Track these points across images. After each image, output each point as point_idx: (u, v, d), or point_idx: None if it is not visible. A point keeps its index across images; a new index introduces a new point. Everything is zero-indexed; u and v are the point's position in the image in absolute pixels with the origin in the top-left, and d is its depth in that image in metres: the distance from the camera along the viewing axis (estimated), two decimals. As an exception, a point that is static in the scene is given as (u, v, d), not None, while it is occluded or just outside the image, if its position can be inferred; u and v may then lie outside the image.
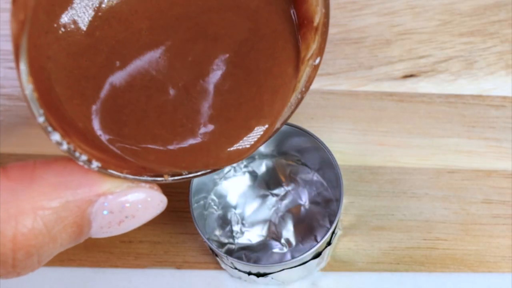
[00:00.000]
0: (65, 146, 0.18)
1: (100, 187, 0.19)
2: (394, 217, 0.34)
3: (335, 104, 0.37)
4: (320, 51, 0.22)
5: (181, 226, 0.34)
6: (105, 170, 0.19)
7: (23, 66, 0.16)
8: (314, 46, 0.22)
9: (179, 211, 0.34)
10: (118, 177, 0.19)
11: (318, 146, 0.31)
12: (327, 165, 0.31)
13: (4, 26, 0.40)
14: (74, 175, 0.19)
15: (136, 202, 0.20)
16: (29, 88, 0.16)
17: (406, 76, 0.38)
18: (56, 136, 0.17)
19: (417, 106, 0.37)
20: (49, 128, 0.17)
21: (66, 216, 0.18)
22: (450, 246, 0.34)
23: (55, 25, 0.20)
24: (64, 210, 0.18)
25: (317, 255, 0.30)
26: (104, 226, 0.20)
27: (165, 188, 0.21)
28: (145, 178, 0.20)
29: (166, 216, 0.34)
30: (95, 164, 0.19)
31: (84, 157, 0.18)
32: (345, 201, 0.34)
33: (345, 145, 0.36)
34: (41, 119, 0.17)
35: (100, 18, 0.20)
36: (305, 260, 0.29)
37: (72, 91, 0.20)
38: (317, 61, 0.22)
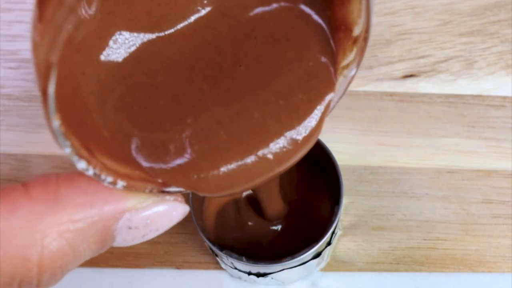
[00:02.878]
0: (91, 172, 0.18)
1: (126, 203, 0.19)
2: (394, 217, 0.34)
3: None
4: (358, 63, 0.21)
5: (181, 226, 0.34)
6: (130, 188, 0.19)
7: (51, 99, 0.16)
8: (351, 57, 0.21)
9: (179, 211, 0.34)
10: (143, 192, 0.19)
11: (318, 146, 0.31)
12: (327, 165, 0.31)
13: (4, 26, 0.40)
14: (99, 193, 0.18)
15: (160, 215, 0.20)
16: (56, 123, 0.16)
17: (406, 76, 0.38)
18: (82, 164, 0.17)
19: (417, 106, 0.37)
20: (75, 158, 0.17)
21: (92, 235, 0.18)
22: (450, 246, 0.34)
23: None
24: (89, 229, 0.18)
25: (317, 255, 0.30)
26: (128, 240, 0.20)
27: (165, 188, 0.21)
28: (170, 190, 0.20)
29: (166, 216, 0.34)
30: (120, 184, 0.18)
31: (109, 179, 0.18)
32: (345, 201, 0.34)
33: (345, 145, 0.36)
34: (67, 150, 0.17)
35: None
36: (305, 260, 0.29)
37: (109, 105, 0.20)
38: (353, 72, 0.21)
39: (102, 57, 0.20)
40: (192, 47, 0.21)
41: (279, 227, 0.31)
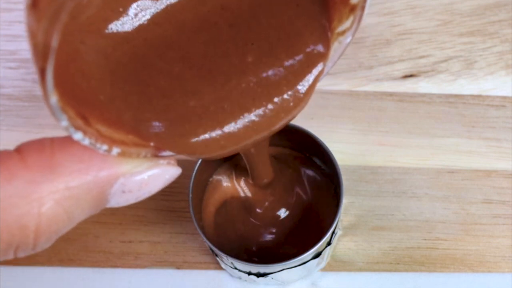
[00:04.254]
0: (87, 142, 0.18)
1: (120, 168, 0.19)
2: (394, 217, 0.34)
3: (335, 104, 0.37)
4: (354, 31, 0.21)
5: (181, 226, 0.34)
6: (124, 154, 0.19)
7: (50, 75, 0.16)
8: (347, 24, 0.21)
9: (179, 211, 0.34)
10: (137, 157, 0.20)
11: (318, 146, 0.31)
12: (327, 165, 0.31)
13: (4, 26, 0.40)
14: (94, 160, 0.18)
15: (154, 179, 0.20)
16: (54, 99, 0.16)
17: (406, 76, 0.38)
18: (78, 135, 0.17)
19: (417, 106, 0.37)
20: (72, 129, 0.17)
21: (86, 200, 0.19)
22: (450, 246, 0.34)
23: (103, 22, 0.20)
24: (84, 195, 0.18)
25: (317, 255, 0.30)
26: (121, 202, 0.20)
27: (165, 189, 0.21)
28: (164, 154, 0.21)
29: (166, 216, 0.34)
30: (115, 150, 0.19)
31: (105, 147, 0.18)
32: (345, 201, 0.34)
33: (345, 145, 0.36)
34: (64, 123, 0.17)
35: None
36: (305, 260, 0.29)
37: (104, 71, 0.20)
38: (348, 39, 0.21)
39: (106, 30, 0.20)
40: (198, 20, 0.21)
41: (279, 227, 0.31)
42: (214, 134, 0.21)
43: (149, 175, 0.20)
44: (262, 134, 0.22)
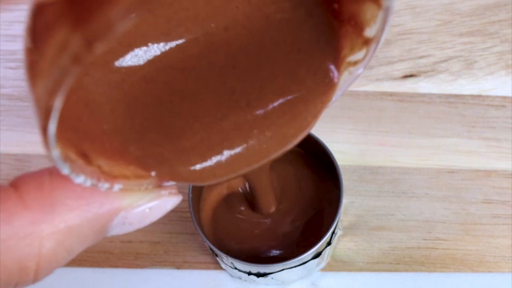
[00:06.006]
0: (88, 183, 0.17)
1: (122, 202, 0.19)
2: (394, 217, 0.34)
3: (335, 104, 0.37)
4: (366, 63, 0.21)
5: (181, 226, 0.34)
6: (126, 190, 0.19)
7: (52, 128, 0.15)
8: (359, 55, 0.21)
9: (179, 211, 0.34)
10: (139, 190, 0.19)
11: (318, 146, 0.31)
12: (327, 165, 0.31)
13: (4, 26, 0.40)
14: (95, 195, 0.18)
15: (155, 210, 0.20)
16: (56, 153, 0.16)
17: (406, 76, 0.38)
18: (80, 179, 0.17)
19: (417, 106, 0.37)
20: (73, 175, 0.17)
21: (87, 235, 0.18)
22: (450, 246, 0.34)
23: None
24: (85, 231, 0.18)
25: (317, 255, 0.30)
26: (120, 232, 0.20)
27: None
28: (166, 184, 0.20)
29: (166, 216, 0.34)
30: (117, 187, 0.18)
31: (106, 185, 0.18)
32: (345, 201, 0.34)
33: (345, 145, 0.36)
34: (66, 171, 0.17)
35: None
36: (305, 260, 0.29)
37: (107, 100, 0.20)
38: (360, 71, 0.21)
39: (115, 63, 0.20)
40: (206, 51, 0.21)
41: (278, 227, 0.31)
42: (218, 163, 0.21)
43: (151, 207, 0.20)
44: (263, 161, 0.22)
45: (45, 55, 0.14)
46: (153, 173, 0.20)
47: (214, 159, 0.22)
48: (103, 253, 0.33)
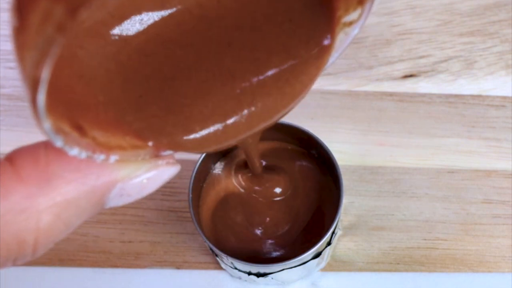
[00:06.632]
0: (84, 155, 0.17)
1: (118, 174, 0.19)
2: (394, 217, 0.34)
3: (335, 104, 0.37)
4: (361, 23, 0.21)
5: (181, 226, 0.34)
6: (122, 161, 0.19)
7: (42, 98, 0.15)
8: (354, 15, 0.21)
9: (179, 211, 0.34)
10: (135, 160, 0.19)
11: (318, 146, 0.31)
12: (327, 165, 0.31)
13: (4, 26, 0.40)
14: (91, 167, 0.18)
15: (152, 179, 0.20)
16: (47, 125, 0.16)
17: (406, 76, 0.38)
18: (75, 151, 0.17)
19: (417, 106, 0.37)
20: (67, 147, 0.17)
21: (84, 208, 0.18)
22: (450, 246, 0.34)
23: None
24: (82, 203, 0.18)
25: (317, 255, 0.30)
26: (119, 204, 0.20)
27: (165, 189, 0.21)
28: (163, 153, 0.20)
29: (166, 216, 0.34)
30: (113, 158, 0.18)
31: (102, 157, 0.18)
32: (345, 201, 0.34)
33: (345, 145, 0.36)
34: (59, 143, 0.16)
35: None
36: (305, 260, 0.29)
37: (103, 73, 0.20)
38: (355, 31, 0.21)
39: (110, 35, 0.20)
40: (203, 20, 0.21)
41: (279, 227, 0.31)
42: (214, 129, 0.21)
43: (148, 177, 0.19)
44: (262, 124, 0.22)
45: (30, 27, 0.14)
46: (150, 143, 0.20)
47: (215, 127, 0.21)
48: (103, 253, 0.33)
